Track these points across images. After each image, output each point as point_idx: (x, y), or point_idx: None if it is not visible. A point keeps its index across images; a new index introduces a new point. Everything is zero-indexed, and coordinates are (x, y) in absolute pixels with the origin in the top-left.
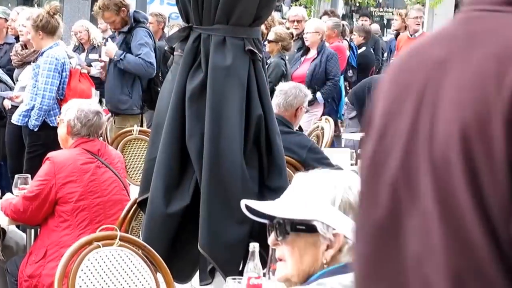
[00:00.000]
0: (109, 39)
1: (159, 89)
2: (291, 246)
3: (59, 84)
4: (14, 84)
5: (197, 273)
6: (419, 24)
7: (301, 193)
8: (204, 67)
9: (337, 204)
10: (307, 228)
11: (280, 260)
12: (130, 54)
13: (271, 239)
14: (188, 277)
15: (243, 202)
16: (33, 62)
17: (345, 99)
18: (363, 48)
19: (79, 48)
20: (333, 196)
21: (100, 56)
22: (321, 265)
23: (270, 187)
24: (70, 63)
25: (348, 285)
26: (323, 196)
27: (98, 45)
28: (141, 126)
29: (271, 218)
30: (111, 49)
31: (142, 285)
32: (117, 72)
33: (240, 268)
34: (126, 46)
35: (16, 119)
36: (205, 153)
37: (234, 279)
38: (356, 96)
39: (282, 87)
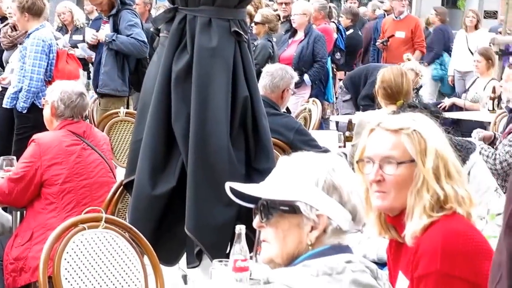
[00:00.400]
0: (88, 24)
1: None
2: (275, 228)
3: (47, 66)
4: (4, 66)
5: (184, 256)
6: (404, 6)
7: (285, 175)
8: (189, 49)
9: (321, 185)
10: (290, 209)
11: (265, 241)
12: (122, 35)
13: (255, 221)
14: (175, 260)
15: (227, 185)
16: (20, 44)
17: (340, 83)
18: (351, 31)
19: (62, 30)
20: (316, 178)
21: (84, 38)
22: (306, 246)
23: (257, 169)
24: (57, 44)
25: (334, 267)
26: (307, 177)
27: (81, 26)
28: (128, 108)
29: (256, 201)
30: (101, 35)
31: (128, 267)
32: (111, 55)
33: (228, 251)
34: (114, 29)
35: (5, 102)
36: (191, 135)
37: (221, 261)
38: (352, 81)
39: (268, 68)
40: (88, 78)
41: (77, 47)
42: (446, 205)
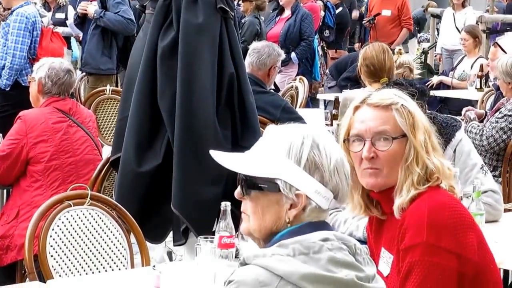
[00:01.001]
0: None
1: None
2: (254, 203)
3: (31, 43)
4: None
5: (171, 234)
6: None
7: (268, 149)
8: (175, 25)
9: (303, 164)
10: (269, 186)
11: (244, 213)
12: (109, 12)
13: (237, 191)
14: (161, 237)
15: (212, 153)
16: (3, 21)
17: (326, 71)
18: (340, 9)
19: (45, 7)
20: (299, 155)
21: (66, 16)
22: (284, 223)
23: (243, 147)
24: (42, 22)
25: (310, 246)
26: (289, 154)
27: (63, 4)
28: (117, 86)
29: None
30: (90, 9)
31: (114, 244)
32: (97, 33)
33: (214, 228)
34: (102, 6)
35: None
36: (177, 112)
37: (206, 238)
38: (337, 69)
39: (255, 46)
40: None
41: (61, 25)
42: (431, 177)
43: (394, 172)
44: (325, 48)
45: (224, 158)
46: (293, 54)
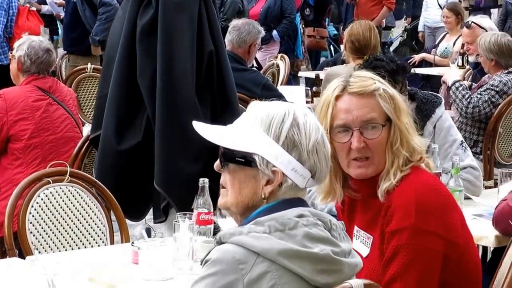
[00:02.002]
0: None
1: None
2: (232, 177)
3: (7, 22)
4: None
5: (152, 211)
6: None
7: (250, 124)
8: (154, 3)
9: (281, 141)
10: (246, 161)
11: (223, 187)
12: None
13: (216, 163)
14: (141, 215)
15: (194, 124)
16: None
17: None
18: None
19: None
20: (278, 132)
21: None
22: (260, 199)
23: (223, 124)
24: (18, 1)
25: (286, 223)
26: (269, 130)
27: None
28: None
29: None
30: None
31: (93, 222)
32: (76, 12)
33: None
34: None
35: None
36: (158, 90)
37: (185, 214)
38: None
39: (235, 23)
40: (56, 34)
41: (42, 4)
42: (413, 157)
43: (382, 158)
44: (303, 26)
45: (205, 130)
46: (274, 32)
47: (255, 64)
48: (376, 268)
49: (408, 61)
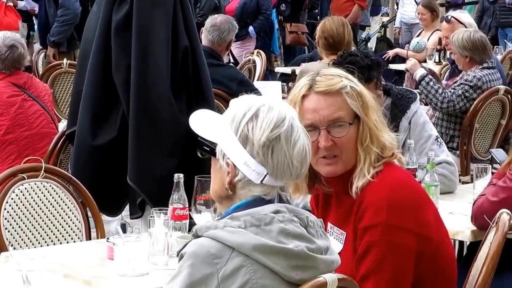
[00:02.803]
0: None
1: None
2: (211, 165)
3: None
4: None
5: (128, 207)
6: None
7: (224, 115)
8: None
9: (239, 134)
10: (211, 150)
11: None
12: None
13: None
14: (117, 211)
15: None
16: None
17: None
18: None
19: None
20: (238, 125)
21: None
22: (225, 190)
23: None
24: None
25: (262, 218)
26: (232, 122)
27: None
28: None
29: None
30: None
31: (69, 217)
32: (53, 8)
33: None
34: None
35: None
36: (132, 85)
37: (160, 210)
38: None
39: (213, 22)
40: (33, 30)
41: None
42: (384, 153)
43: (351, 156)
44: (282, 22)
45: (193, 116)
46: (250, 28)
47: (231, 60)
48: (350, 265)
49: (382, 56)
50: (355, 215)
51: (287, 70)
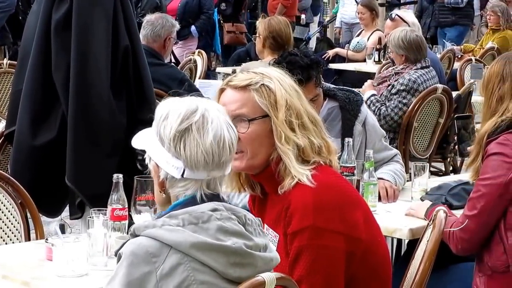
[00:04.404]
0: None
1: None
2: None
3: None
4: None
5: (67, 208)
6: None
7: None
8: None
9: (158, 136)
10: (144, 158)
11: None
12: None
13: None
14: (57, 212)
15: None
16: None
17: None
18: None
19: None
20: (158, 128)
21: None
22: (160, 194)
23: (140, 119)
24: None
25: (199, 216)
26: (155, 127)
27: None
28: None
29: None
30: None
31: (8, 219)
32: None
33: None
34: None
35: None
36: (71, 85)
37: (100, 210)
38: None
39: (148, 18)
40: None
41: None
42: (305, 157)
43: (260, 153)
44: (221, 21)
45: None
46: (192, 28)
47: (172, 60)
48: (284, 269)
49: (322, 56)
50: (283, 220)
51: (228, 70)
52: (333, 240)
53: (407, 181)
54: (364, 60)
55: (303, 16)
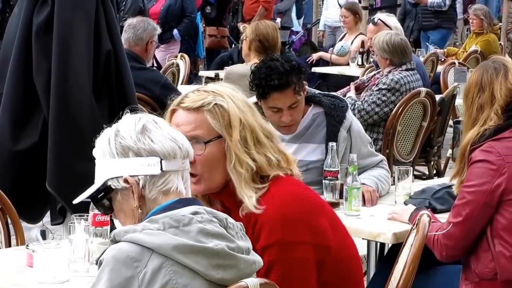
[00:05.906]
0: None
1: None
2: (113, 206)
3: None
4: None
5: (49, 213)
6: None
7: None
8: (50, 1)
9: (115, 154)
10: (106, 191)
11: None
12: None
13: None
14: (38, 217)
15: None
16: None
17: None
18: None
19: None
20: (110, 150)
21: None
22: (138, 212)
23: None
24: None
25: (180, 219)
26: (104, 154)
27: None
28: None
29: None
30: None
31: None
32: None
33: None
34: None
35: None
36: (53, 89)
37: (81, 216)
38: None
39: (130, 22)
40: None
41: None
42: (263, 173)
43: (216, 175)
44: (204, 25)
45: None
46: (175, 31)
47: (155, 64)
48: None
49: (306, 60)
50: (251, 236)
51: (211, 73)
52: (303, 251)
53: (391, 185)
54: (348, 64)
55: (278, 19)
